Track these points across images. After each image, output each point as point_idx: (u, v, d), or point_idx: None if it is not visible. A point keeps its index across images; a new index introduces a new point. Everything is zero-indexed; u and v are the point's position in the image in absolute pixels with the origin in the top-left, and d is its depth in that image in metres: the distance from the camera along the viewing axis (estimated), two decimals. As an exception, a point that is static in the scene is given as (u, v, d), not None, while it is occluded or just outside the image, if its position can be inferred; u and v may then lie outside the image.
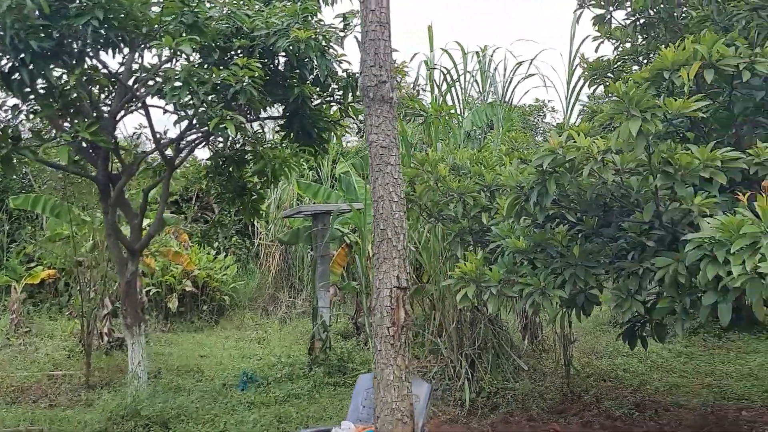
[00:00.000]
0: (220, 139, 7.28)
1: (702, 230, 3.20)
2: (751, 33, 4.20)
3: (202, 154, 27.41)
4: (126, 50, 6.35)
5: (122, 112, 6.91)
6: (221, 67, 5.87)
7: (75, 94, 5.98)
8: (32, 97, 6.01)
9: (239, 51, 6.09)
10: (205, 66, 6.07)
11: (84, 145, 6.60)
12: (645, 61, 5.94)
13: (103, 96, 7.10)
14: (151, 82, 6.26)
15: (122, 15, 5.64)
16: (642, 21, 5.30)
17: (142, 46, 6.16)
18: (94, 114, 6.38)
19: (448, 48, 9.36)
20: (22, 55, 5.40)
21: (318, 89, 6.87)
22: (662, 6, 5.03)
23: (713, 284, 3.40)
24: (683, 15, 5.28)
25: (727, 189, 4.23)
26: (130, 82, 6.67)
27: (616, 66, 6.17)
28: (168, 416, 6.36)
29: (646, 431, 6.24)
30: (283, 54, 6.14)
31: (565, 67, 8.65)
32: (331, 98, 7.14)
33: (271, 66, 6.45)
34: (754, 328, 4.12)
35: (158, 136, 7.02)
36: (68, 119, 6.38)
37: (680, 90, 3.43)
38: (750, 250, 2.82)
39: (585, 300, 4.52)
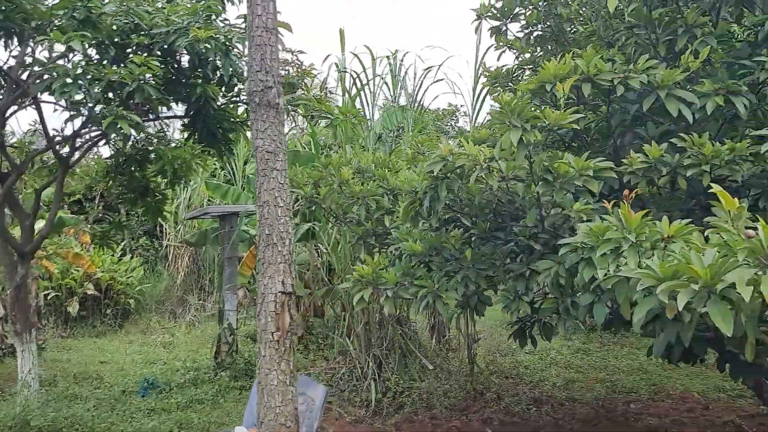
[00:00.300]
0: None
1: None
2: (628, 49, 4.48)
3: (108, 152, 26.36)
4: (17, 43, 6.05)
5: (13, 108, 6.57)
6: (121, 65, 5.69)
7: (-42, 88, 5.65)
8: None
9: (138, 48, 5.92)
10: (104, 63, 5.87)
11: (-30, 141, 6.24)
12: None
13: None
14: (46, 76, 5.99)
15: (11, 7, 5.37)
16: (535, 34, 5.54)
17: (34, 40, 5.88)
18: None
19: (358, 52, 9.43)
20: None
21: (223, 89, 6.77)
22: (552, 21, 5.28)
23: (590, 286, 3.60)
24: (573, 30, 5.56)
25: (608, 196, 4.51)
26: (24, 77, 6.35)
27: (515, 75, 6.41)
28: (61, 426, 6.10)
29: (541, 425, 6.50)
30: (186, 52, 6.02)
31: (471, 74, 8.90)
32: (238, 98, 7.06)
33: (174, 65, 6.31)
34: (628, 326, 4.34)
35: (53, 133, 6.72)
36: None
37: (563, 102, 3.61)
38: (614, 254, 3.02)
39: (478, 301, 4.70)
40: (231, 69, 6.03)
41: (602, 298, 3.67)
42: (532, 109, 3.55)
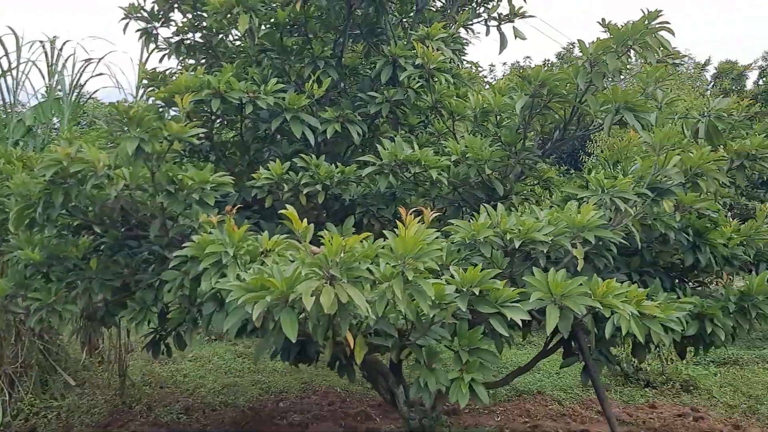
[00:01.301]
0: None
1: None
2: (265, 71, 4.76)
3: None
4: None
5: None
6: None
7: None
8: None
9: None
10: None
11: None
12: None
13: None
14: None
15: None
16: (188, 42, 5.53)
17: None
18: None
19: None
20: None
21: None
22: (204, 32, 5.34)
23: (213, 295, 3.70)
24: (227, 43, 5.69)
25: (245, 208, 4.72)
26: None
27: (173, 80, 6.31)
28: None
29: (188, 433, 6.50)
30: None
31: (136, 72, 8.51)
32: None
33: None
34: (261, 332, 4.63)
35: None
36: None
37: (183, 114, 3.66)
38: (216, 267, 3.17)
39: (106, 312, 4.50)
40: None
41: (224, 307, 3.81)
42: (155, 118, 3.53)
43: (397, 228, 2.85)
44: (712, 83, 22.33)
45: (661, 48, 3.96)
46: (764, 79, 19.71)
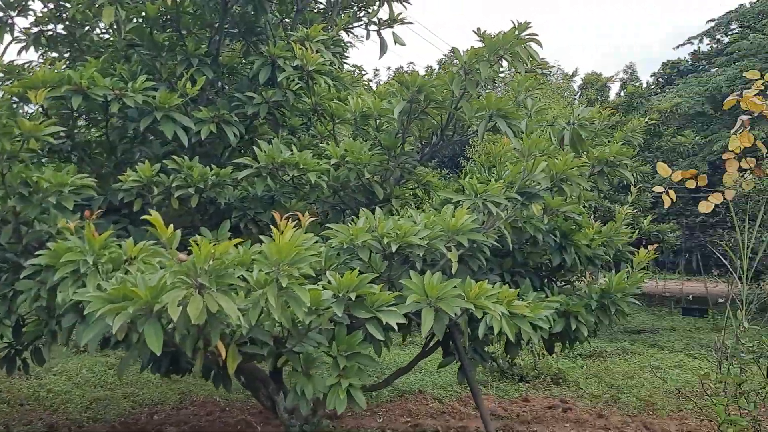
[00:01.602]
0: None
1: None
2: (134, 66, 4.49)
3: None
4: None
5: None
6: None
7: None
8: None
9: None
10: None
11: None
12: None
13: None
14: None
15: None
16: (50, 33, 5.13)
17: None
18: None
19: None
20: None
21: None
22: (67, 23, 4.98)
23: (73, 306, 3.44)
24: (93, 36, 5.33)
25: (113, 212, 4.44)
26: None
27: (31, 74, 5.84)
28: None
29: (52, 454, 6.03)
30: None
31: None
32: None
33: None
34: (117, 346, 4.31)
35: None
36: None
37: (37, 111, 3.39)
38: (74, 277, 2.94)
39: (-49, 328, 4.07)
40: None
41: (87, 318, 3.55)
42: (6, 115, 3.23)
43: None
44: (579, 93, 23.90)
45: (530, 58, 4.14)
46: (625, 90, 21.34)
